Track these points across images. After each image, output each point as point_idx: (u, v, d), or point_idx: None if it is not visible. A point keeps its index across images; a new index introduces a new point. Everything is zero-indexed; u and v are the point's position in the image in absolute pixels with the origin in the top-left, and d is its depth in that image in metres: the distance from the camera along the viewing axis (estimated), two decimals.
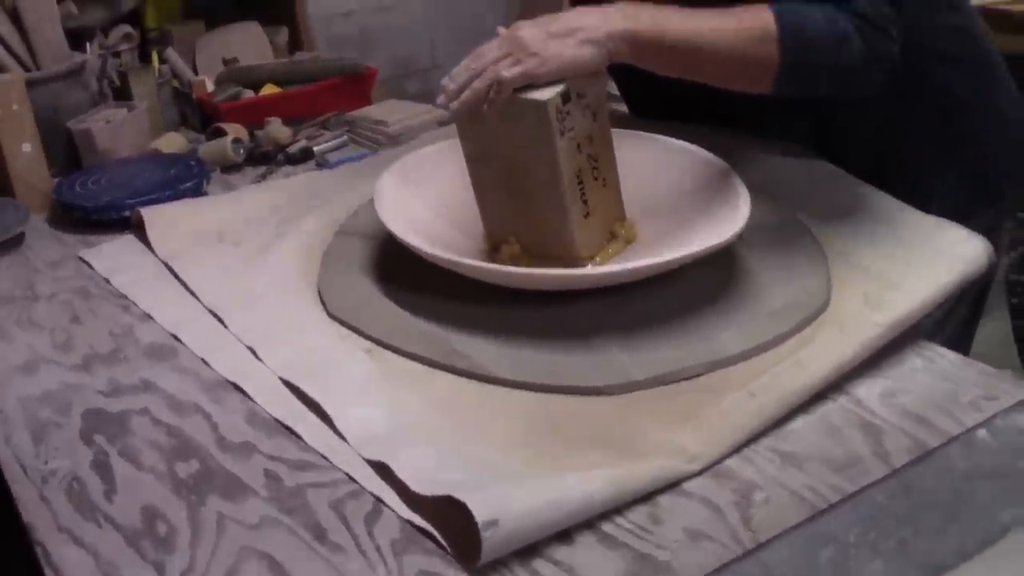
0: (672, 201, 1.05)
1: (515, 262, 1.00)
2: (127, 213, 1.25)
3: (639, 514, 0.70)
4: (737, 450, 0.76)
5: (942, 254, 0.94)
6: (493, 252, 1.03)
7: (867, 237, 1.00)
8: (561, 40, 0.90)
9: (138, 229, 1.22)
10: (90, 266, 1.17)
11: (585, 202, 0.97)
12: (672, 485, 0.72)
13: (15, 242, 1.25)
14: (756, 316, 0.90)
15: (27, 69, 1.48)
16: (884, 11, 0.93)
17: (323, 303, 0.99)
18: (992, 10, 2.21)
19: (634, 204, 1.04)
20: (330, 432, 0.81)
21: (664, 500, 0.71)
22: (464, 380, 0.86)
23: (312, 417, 0.83)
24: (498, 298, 0.93)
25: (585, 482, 0.70)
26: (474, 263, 0.91)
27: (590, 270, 0.97)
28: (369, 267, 1.04)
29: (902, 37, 0.95)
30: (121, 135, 1.45)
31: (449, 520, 0.68)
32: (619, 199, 1.03)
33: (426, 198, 1.08)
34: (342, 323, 0.96)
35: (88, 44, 1.69)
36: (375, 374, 0.88)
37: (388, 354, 0.90)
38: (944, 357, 0.87)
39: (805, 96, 0.97)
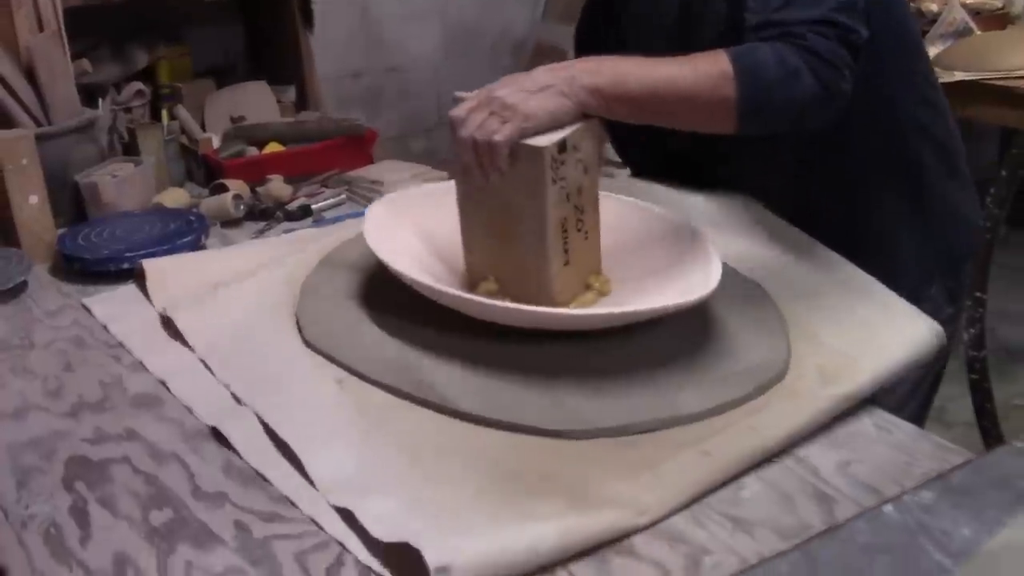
0: (647, 262, 1.09)
1: (491, 299, 1.03)
2: (125, 265, 1.29)
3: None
4: (687, 507, 0.79)
5: (895, 334, 0.99)
6: (471, 288, 1.07)
7: (828, 311, 1.04)
8: (538, 94, 0.96)
9: (139, 280, 1.26)
10: (90, 312, 1.20)
11: (566, 251, 1.01)
12: (625, 545, 0.75)
13: (17, 291, 1.29)
14: (715, 378, 0.93)
15: (39, 123, 1.53)
16: (839, 52, 0.96)
17: (300, 331, 1.03)
18: (990, 85, 2.23)
19: (611, 261, 1.08)
20: (300, 477, 0.84)
21: (616, 560, 0.74)
22: (432, 415, 0.90)
23: (284, 462, 0.86)
24: (472, 333, 0.97)
25: (537, 532, 0.73)
26: (453, 292, 0.96)
27: (567, 311, 1.00)
28: (348, 296, 1.08)
29: (854, 81, 0.97)
30: (126, 189, 1.50)
31: (410, 565, 0.71)
32: (598, 253, 1.07)
33: (412, 231, 1.13)
34: (317, 351, 0.99)
35: (101, 100, 1.75)
36: (345, 408, 0.92)
37: (359, 385, 0.94)
38: (900, 428, 0.89)
39: (770, 133, 1.01)
